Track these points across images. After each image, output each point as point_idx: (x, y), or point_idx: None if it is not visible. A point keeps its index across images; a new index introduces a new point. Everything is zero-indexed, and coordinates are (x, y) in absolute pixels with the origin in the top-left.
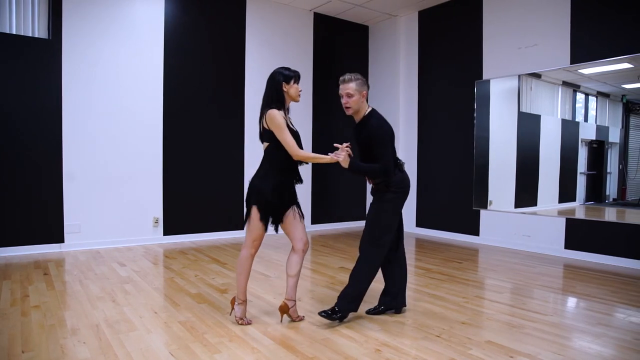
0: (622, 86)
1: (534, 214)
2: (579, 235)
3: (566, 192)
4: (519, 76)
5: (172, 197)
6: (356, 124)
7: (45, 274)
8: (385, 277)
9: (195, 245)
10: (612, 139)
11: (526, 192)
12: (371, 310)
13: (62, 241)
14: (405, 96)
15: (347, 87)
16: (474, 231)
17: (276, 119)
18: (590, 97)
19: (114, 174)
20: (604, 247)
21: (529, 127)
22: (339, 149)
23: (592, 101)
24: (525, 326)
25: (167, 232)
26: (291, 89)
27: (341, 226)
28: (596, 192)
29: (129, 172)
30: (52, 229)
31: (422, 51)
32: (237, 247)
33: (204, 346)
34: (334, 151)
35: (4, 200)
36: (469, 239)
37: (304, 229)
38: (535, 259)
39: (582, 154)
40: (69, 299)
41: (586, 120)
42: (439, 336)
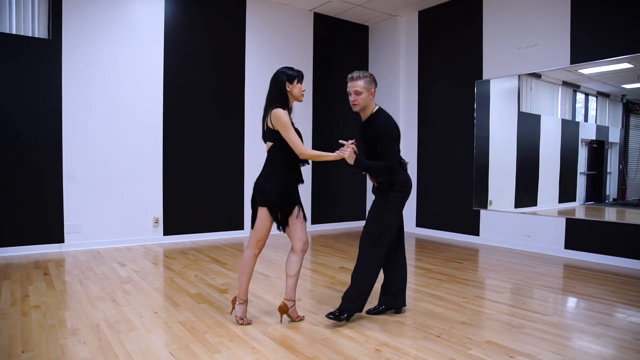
0: (622, 86)
1: (534, 214)
2: (579, 235)
3: (566, 192)
4: (519, 76)
5: (172, 197)
6: (362, 122)
7: (45, 274)
8: (385, 277)
9: (195, 245)
10: (612, 139)
11: (526, 192)
12: (371, 310)
13: (62, 241)
14: (405, 96)
15: (356, 84)
16: (474, 231)
17: (282, 118)
18: (590, 97)
19: (114, 174)
20: (604, 247)
21: (529, 127)
22: (344, 146)
23: (592, 101)
24: (525, 326)
25: (167, 232)
26: (295, 89)
27: (341, 226)
28: (596, 192)
29: (129, 172)
30: (52, 229)
31: (422, 51)
32: (237, 247)
33: (204, 346)
34: (339, 148)
35: (4, 200)
36: (469, 239)
37: (305, 229)
38: (535, 259)
39: (582, 154)
40: (69, 299)
41: (586, 120)
42: (439, 336)
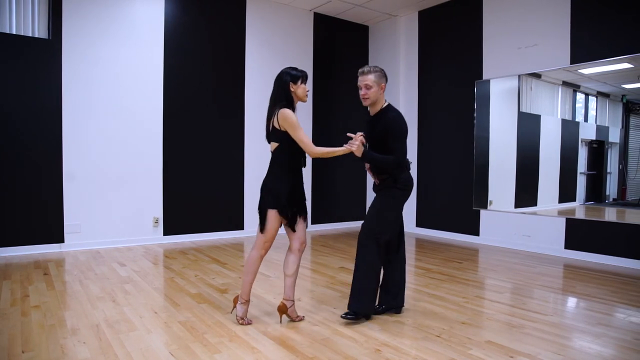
0: (622, 86)
1: (534, 214)
2: (579, 235)
3: (566, 192)
4: (519, 76)
5: (172, 197)
6: (371, 117)
7: (45, 274)
8: (385, 276)
9: (195, 245)
10: (612, 139)
11: (526, 192)
12: None
13: (62, 241)
14: (405, 96)
15: (366, 78)
16: (474, 231)
17: (291, 117)
18: (590, 97)
19: (114, 174)
20: (604, 247)
21: (529, 127)
22: (352, 139)
23: (592, 101)
24: (525, 326)
25: (167, 232)
26: (299, 89)
27: (341, 226)
28: (596, 192)
29: (129, 172)
30: (52, 229)
31: (422, 51)
32: (237, 247)
33: (204, 346)
34: (347, 141)
35: (4, 200)
36: (469, 239)
37: (305, 230)
38: (535, 259)
39: (582, 154)
40: (69, 299)
41: (586, 120)
42: (439, 336)
